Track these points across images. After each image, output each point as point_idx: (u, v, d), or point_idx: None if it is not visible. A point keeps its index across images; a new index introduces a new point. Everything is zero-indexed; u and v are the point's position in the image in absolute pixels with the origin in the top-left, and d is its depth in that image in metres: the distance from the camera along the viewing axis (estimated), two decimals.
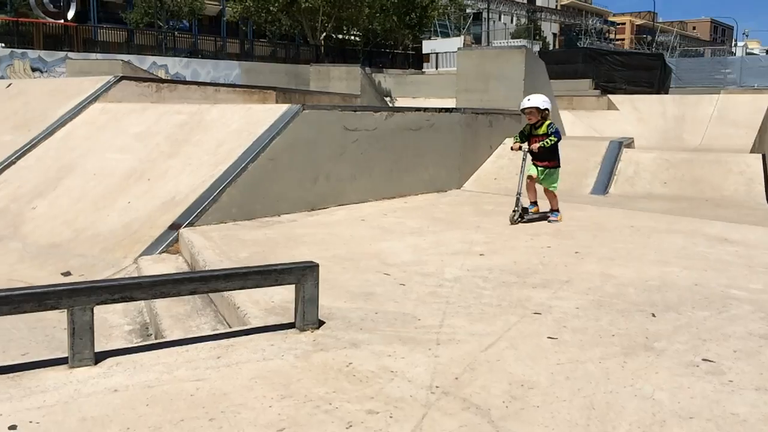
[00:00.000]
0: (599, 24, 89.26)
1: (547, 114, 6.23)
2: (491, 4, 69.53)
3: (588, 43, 70.37)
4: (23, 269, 5.63)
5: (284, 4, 36.67)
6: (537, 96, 6.28)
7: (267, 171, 6.48)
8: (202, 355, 2.87)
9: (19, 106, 8.97)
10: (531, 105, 6.18)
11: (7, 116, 8.82)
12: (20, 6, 41.24)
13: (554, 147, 6.22)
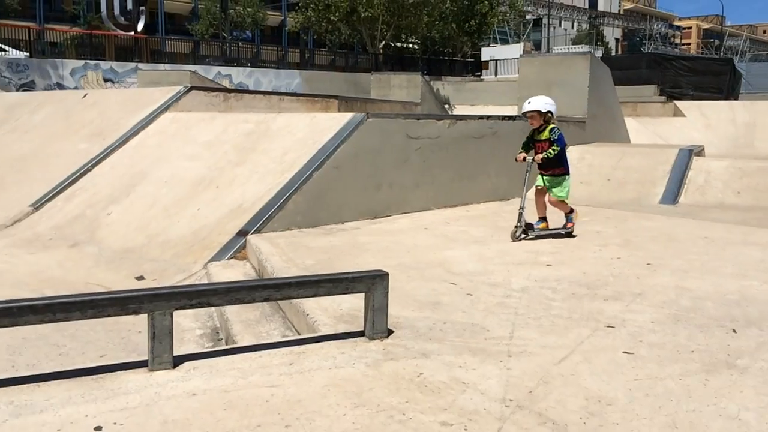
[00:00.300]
0: (664, 28, 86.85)
1: (551, 117, 5.72)
2: (552, 10, 68.60)
3: (652, 48, 68.56)
4: (100, 273, 5.85)
5: (344, 14, 37.07)
6: (538, 98, 5.77)
7: (331, 179, 6.55)
8: (275, 361, 2.91)
9: (94, 116, 9.35)
10: (531, 108, 5.69)
11: (84, 125, 9.20)
12: (93, 19, 43.09)
13: (560, 153, 5.73)
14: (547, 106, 5.69)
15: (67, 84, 25.49)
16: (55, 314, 2.56)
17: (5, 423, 2.28)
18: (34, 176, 8.33)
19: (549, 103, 5.72)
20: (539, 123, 5.74)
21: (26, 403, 2.43)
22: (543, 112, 5.67)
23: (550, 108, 5.69)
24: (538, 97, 5.80)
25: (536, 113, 5.68)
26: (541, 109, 5.66)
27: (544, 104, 5.68)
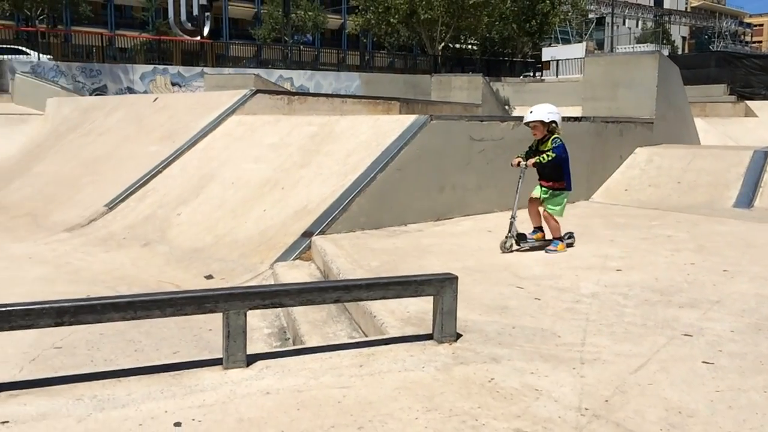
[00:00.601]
0: (734, 26, 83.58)
1: (555, 127, 5.33)
2: (615, 8, 66.95)
3: (721, 46, 66.11)
4: (171, 271, 6.03)
5: (404, 16, 37.11)
6: (541, 107, 5.39)
7: (395, 181, 6.56)
8: (345, 362, 2.93)
9: (164, 119, 9.65)
10: (534, 118, 5.33)
11: (154, 128, 9.51)
12: (161, 25, 44.53)
13: (561, 166, 5.34)
14: (551, 115, 5.32)
15: (137, 88, 26.41)
16: (136, 312, 2.64)
17: (89, 416, 2.37)
18: (108, 177, 8.66)
19: (552, 112, 5.35)
20: (542, 133, 5.38)
21: (109, 398, 2.52)
22: (546, 122, 5.31)
23: (553, 117, 5.32)
24: (541, 105, 5.44)
25: (539, 123, 5.34)
26: (543, 118, 5.30)
27: (546, 113, 5.31)
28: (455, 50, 48.58)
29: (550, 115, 5.31)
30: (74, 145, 10.56)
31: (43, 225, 7.86)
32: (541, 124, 5.33)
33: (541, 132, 5.38)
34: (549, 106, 5.41)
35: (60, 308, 2.52)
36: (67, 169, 9.52)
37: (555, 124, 5.33)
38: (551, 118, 5.31)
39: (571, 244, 5.56)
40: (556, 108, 5.39)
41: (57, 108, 12.95)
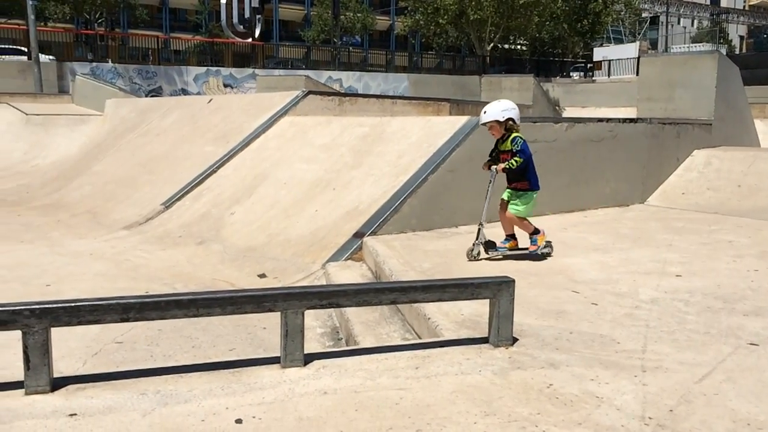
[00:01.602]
0: None
1: (512, 125, 5.02)
2: (670, 7, 65.27)
3: None
4: (225, 270, 6.13)
5: (453, 17, 36.99)
6: (495, 105, 5.05)
7: (446, 182, 6.53)
8: (401, 364, 2.92)
9: (218, 120, 9.83)
10: (488, 119, 5.00)
11: (209, 128, 9.70)
12: (214, 28, 45.42)
13: (529, 164, 5.06)
14: (506, 113, 4.99)
15: (191, 89, 27.02)
16: (198, 309, 2.70)
17: (154, 411, 2.43)
18: (165, 177, 8.87)
19: (507, 109, 5.01)
20: (500, 133, 5.06)
21: (171, 393, 2.57)
22: (501, 121, 4.99)
23: (509, 115, 4.99)
24: (495, 103, 5.09)
25: (495, 123, 5.01)
26: (498, 118, 4.97)
27: (500, 112, 4.98)
28: (504, 51, 48.16)
29: (505, 113, 4.98)
30: (132, 145, 10.86)
31: (103, 222, 8.11)
32: (497, 124, 5.01)
33: (498, 131, 5.06)
34: (504, 102, 5.08)
35: (126, 304, 2.59)
36: (126, 169, 9.79)
37: (512, 122, 5.02)
38: (507, 115, 4.98)
39: (549, 254, 5.22)
40: (512, 104, 5.07)
41: (115, 109, 13.34)
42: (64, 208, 9.16)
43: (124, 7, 41.67)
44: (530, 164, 5.09)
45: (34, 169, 12.48)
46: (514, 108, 5.05)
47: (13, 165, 12.88)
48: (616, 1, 48.31)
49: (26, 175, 12.10)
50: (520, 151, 4.95)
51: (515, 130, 5.04)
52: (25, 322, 2.44)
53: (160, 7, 52.87)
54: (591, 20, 44.28)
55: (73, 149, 12.78)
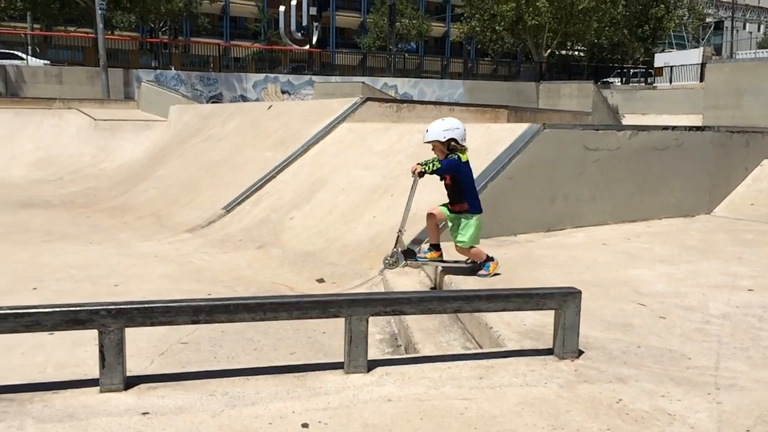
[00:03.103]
0: None
1: (455, 145, 4.67)
2: (736, 12, 63.12)
3: None
4: (284, 274, 6.22)
5: (510, 23, 36.66)
6: (438, 124, 4.72)
7: (505, 190, 6.46)
8: (464, 373, 2.90)
9: (278, 126, 10.00)
10: (429, 138, 4.73)
11: (269, 134, 9.87)
12: (272, 35, 46.27)
13: (465, 185, 4.74)
14: (448, 133, 4.67)
15: (250, 96, 27.57)
16: (265, 313, 2.74)
17: (222, 412, 2.47)
18: (226, 181, 9.06)
19: (450, 128, 4.69)
20: (442, 153, 4.72)
21: (239, 395, 2.62)
22: (442, 141, 4.68)
23: (451, 135, 4.66)
24: (438, 122, 4.76)
25: (436, 142, 4.71)
26: (439, 137, 4.67)
27: (443, 131, 4.67)
28: (561, 57, 47.45)
29: (446, 133, 4.67)
30: (195, 150, 11.14)
31: (167, 225, 8.34)
32: (440, 143, 4.70)
33: (440, 152, 4.74)
34: (448, 122, 4.74)
35: (197, 307, 2.65)
36: (188, 173, 10.05)
37: (455, 142, 4.68)
38: (449, 135, 4.66)
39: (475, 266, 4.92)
40: (456, 123, 4.75)
41: (179, 115, 13.73)
42: (130, 210, 9.46)
43: (187, 15, 42.87)
44: (466, 185, 4.78)
45: (102, 172, 12.94)
46: (458, 128, 4.72)
47: (81, 168, 13.39)
48: (679, 5, 47.03)
49: (94, 178, 12.56)
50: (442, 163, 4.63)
51: (458, 151, 4.71)
52: (101, 321, 2.52)
53: (222, 16, 54.20)
54: (652, 25, 43.20)
55: (138, 153, 13.20)
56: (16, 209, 9.73)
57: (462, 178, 4.73)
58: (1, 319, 2.42)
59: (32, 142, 14.51)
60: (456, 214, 4.81)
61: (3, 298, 5.17)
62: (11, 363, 3.90)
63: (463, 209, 4.78)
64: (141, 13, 31.28)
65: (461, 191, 4.78)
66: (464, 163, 4.70)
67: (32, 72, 25.65)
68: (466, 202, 4.78)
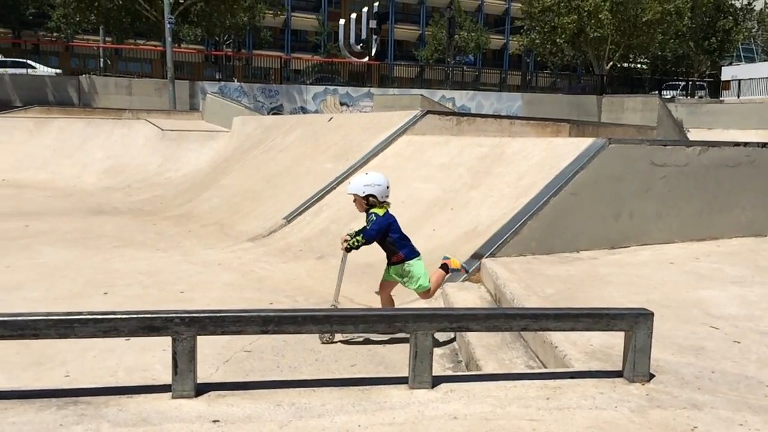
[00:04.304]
0: None
1: (375, 201, 4.61)
2: None
3: None
4: (344, 285, 6.22)
5: (571, 35, 36.15)
6: (360, 178, 4.64)
7: (568, 206, 6.35)
8: (530, 393, 2.85)
9: (338, 138, 10.11)
10: (349, 191, 4.68)
11: (329, 146, 9.99)
12: (331, 48, 46.94)
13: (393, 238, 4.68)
14: (367, 188, 4.58)
15: (309, 108, 28.01)
16: (332, 326, 2.76)
17: (290, 423, 2.50)
18: (287, 191, 9.21)
19: (370, 184, 4.59)
20: (362, 207, 4.68)
21: (305, 406, 2.64)
22: (362, 196, 4.61)
23: (370, 191, 4.59)
24: (360, 176, 4.67)
25: (357, 196, 4.65)
26: (358, 192, 4.60)
27: (362, 186, 4.59)
28: (623, 69, 46.47)
29: (366, 188, 4.59)
30: (257, 160, 11.37)
31: (230, 234, 8.52)
32: (359, 198, 4.64)
33: (360, 206, 4.70)
34: (371, 177, 4.66)
35: (266, 317, 2.69)
36: (251, 183, 10.26)
37: (373, 198, 4.60)
38: (367, 191, 4.59)
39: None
40: (379, 180, 4.65)
41: (242, 126, 14.04)
42: (194, 218, 9.71)
43: (250, 29, 43.93)
44: (394, 237, 4.71)
45: (167, 181, 13.34)
46: (379, 184, 4.63)
47: (149, 177, 13.84)
48: (749, 18, 45.50)
49: (160, 186, 12.96)
50: (369, 231, 4.57)
51: (377, 206, 4.64)
52: (175, 329, 2.59)
53: (283, 29, 55.32)
54: (720, 38, 41.94)
55: (202, 163, 13.56)
56: (88, 215, 10.12)
57: (390, 233, 4.65)
58: (81, 324, 2.51)
59: (103, 151, 15.10)
60: (397, 266, 4.74)
61: (76, 302, 5.38)
62: (84, 366, 4.04)
63: (400, 259, 4.71)
64: (207, 26, 32.23)
65: (393, 243, 4.72)
66: (384, 217, 4.61)
67: (104, 83, 26.73)
68: (400, 252, 4.72)
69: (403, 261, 4.70)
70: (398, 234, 4.71)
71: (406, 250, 4.71)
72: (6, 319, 2.48)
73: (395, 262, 4.73)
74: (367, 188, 4.59)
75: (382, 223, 4.57)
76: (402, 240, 4.74)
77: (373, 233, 4.54)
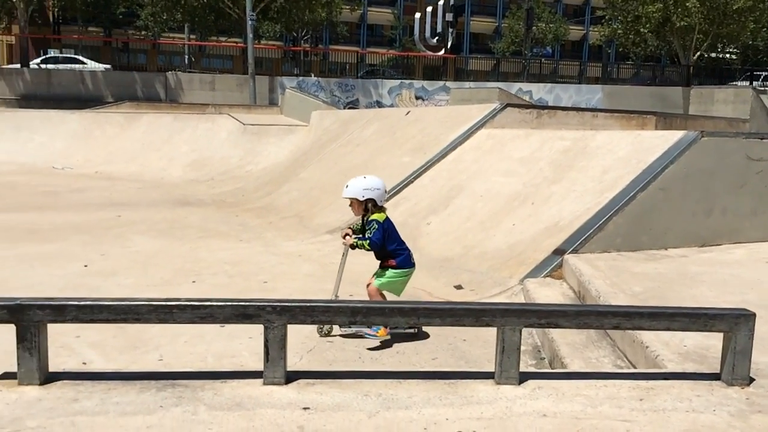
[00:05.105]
0: None
1: (373, 206, 4.48)
2: None
3: None
4: (422, 278, 6.24)
5: (656, 25, 34.71)
6: (359, 181, 4.48)
7: (656, 201, 6.13)
8: (622, 393, 2.77)
9: (416, 132, 10.10)
10: (347, 195, 4.50)
11: (406, 140, 10.00)
12: (406, 42, 46.96)
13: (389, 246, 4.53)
14: (367, 192, 4.45)
15: (384, 102, 28.12)
16: (418, 318, 2.77)
17: (378, 414, 2.52)
18: None
19: (370, 188, 4.46)
20: (359, 211, 4.54)
21: (392, 397, 2.66)
22: (361, 200, 4.46)
23: (369, 195, 4.45)
24: (359, 179, 4.52)
25: (354, 200, 4.50)
26: (358, 196, 4.45)
27: (362, 191, 4.45)
28: (710, 60, 44.31)
29: (366, 192, 4.45)
30: (334, 154, 11.52)
31: (309, 226, 8.67)
32: (357, 202, 4.49)
33: (357, 209, 4.55)
34: (370, 181, 4.50)
35: (354, 308, 2.72)
36: (328, 176, 10.40)
37: (372, 203, 4.48)
38: (367, 195, 4.45)
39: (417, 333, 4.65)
40: (377, 184, 4.51)
41: (320, 120, 14.25)
42: (274, 211, 9.94)
43: (327, 24, 44.51)
44: (390, 246, 4.55)
45: (248, 174, 13.70)
46: (378, 188, 4.51)
47: (231, 170, 14.25)
48: None
49: (241, 179, 13.32)
50: (372, 239, 4.42)
51: (375, 212, 4.51)
52: (267, 317, 2.65)
53: (359, 24, 55.73)
54: None
55: (281, 157, 13.84)
56: (174, 207, 10.53)
57: (388, 240, 4.52)
58: (179, 310, 2.61)
59: (188, 145, 15.65)
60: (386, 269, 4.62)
61: (166, 289, 5.61)
62: (176, 350, 4.21)
63: (391, 265, 4.59)
64: (287, 22, 32.85)
65: (390, 252, 4.58)
66: (384, 222, 4.50)
67: (189, 79, 27.71)
68: (393, 260, 4.58)
69: (395, 268, 4.58)
70: (396, 242, 4.61)
71: (398, 259, 4.58)
72: (111, 303, 2.61)
73: (385, 265, 4.61)
74: (366, 192, 4.47)
75: (380, 237, 4.46)
76: (397, 250, 4.61)
77: (378, 242, 4.45)
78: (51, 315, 2.56)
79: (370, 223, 4.47)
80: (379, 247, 4.47)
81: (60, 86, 25.92)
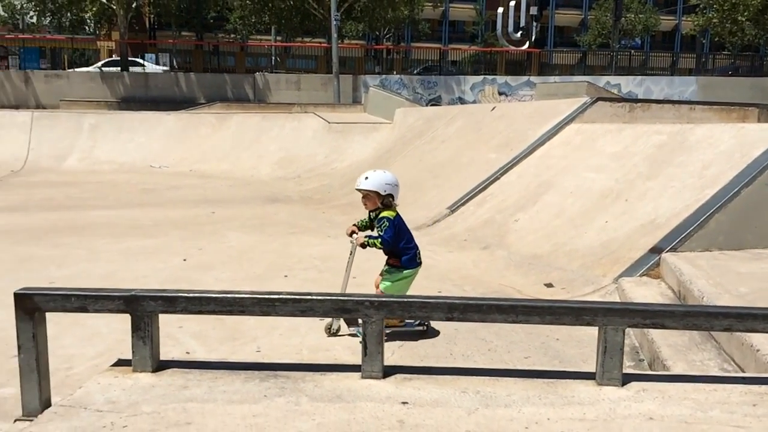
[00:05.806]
0: None
1: (390, 202, 4.30)
2: None
3: None
4: (510, 276, 6.18)
5: (755, 12, 32.83)
6: (379, 175, 4.30)
7: (763, 197, 5.80)
8: (733, 398, 2.63)
9: (502, 128, 9.98)
10: (365, 187, 4.29)
11: (493, 136, 9.89)
12: (489, 37, 46.40)
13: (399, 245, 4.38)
14: (388, 188, 4.29)
15: (467, 98, 27.92)
16: (517, 315, 2.72)
17: (477, 411, 2.50)
18: (450, 182, 9.25)
19: (392, 183, 4.31)
20: (375, 205, 4.37)
21: (491, 395, 2.63)
22: (382, 195, 4.29)
23: (391, 191, 4.30)
24: (379, 173, 4.35)
25: (374, 193, 4.31)
26: (380, 190, 4.27)
27: (384, 185, 4.28)
28: None
29: (387, 187, 4.30)
30: (419, 151, 11.54)
31: None
32: (376, 196, 4.32)
33: (373, 203, 4.39)
34: (390, 176, 4.36)
35: (451, 304, 2.71)
36: (413, 173, 10.42)
37: (390, 199, 4.33)
38: (388, 190, 4.30)
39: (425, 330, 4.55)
40: (396, 179, 4.37)
41: (403, 117, 14.30)
42: (360, 207, 9.99)
43: (409, 22, 44.60)
44: (399, 244, 4.42)
45: (333, 171, 13.93)
46: (397, 185, 4.41)
47: (316, 167, 14.54)
48: None
49: (327, 176, 13.57)
50: (384, 236, 4.31)
51: (389, 208, 4.37)
52: (365, 312, 2.68)
53: (441, 20, 55.57)
54: None
55: (365, 154, 14.00)
56: (264, 203, 10.84)
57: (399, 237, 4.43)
58: (282, 303, 2.68)
59: (276, 143, 16.07)
60: (388, 267, 4.58)
61: (260, 283, 5.79)
62: (272, 343, 4.34)
63: (396, 264, 4.51)
64: (370, 21, 33.15)
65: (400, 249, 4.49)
66: (395, 219, 4.38)
67: (275, 80, 28.47)
68: (398, 257, 4.49)
69: (396, 266, 4.52)
70: (404, 240, 4.52)
71: (403, 259, 4.50)
72: (218, 296, 2.72)
73: (390, 263, 4.57)
74: (388, 187, 4.36)
75: (392, 235, 4.38)
76: (405, 249, 4.52)
77: (390, 240, 4.37)
78: (163, 306, 2.69)
79: (381, 220, 4.37)
80: (390, 245, 4.43)
81: (156, 88, 27.22)
